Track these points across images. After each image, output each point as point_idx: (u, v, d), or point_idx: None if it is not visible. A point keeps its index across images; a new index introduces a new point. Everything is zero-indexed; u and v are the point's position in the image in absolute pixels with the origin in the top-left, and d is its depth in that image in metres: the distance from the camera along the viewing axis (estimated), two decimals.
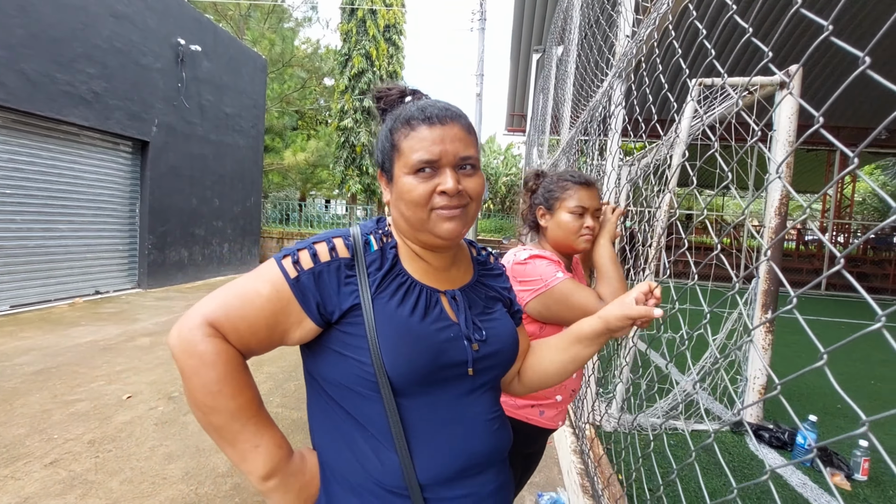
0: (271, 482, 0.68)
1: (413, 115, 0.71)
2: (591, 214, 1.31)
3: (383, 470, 0.68)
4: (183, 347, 0.64)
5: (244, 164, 9.64)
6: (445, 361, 0.70)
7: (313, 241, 0.70)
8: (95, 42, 5.99)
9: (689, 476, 2.24)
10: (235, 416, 0.65)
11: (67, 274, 6.07)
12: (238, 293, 0.67)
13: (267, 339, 0.68)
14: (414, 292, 0.72)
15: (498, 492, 0.76)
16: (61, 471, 2.26)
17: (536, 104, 8.24)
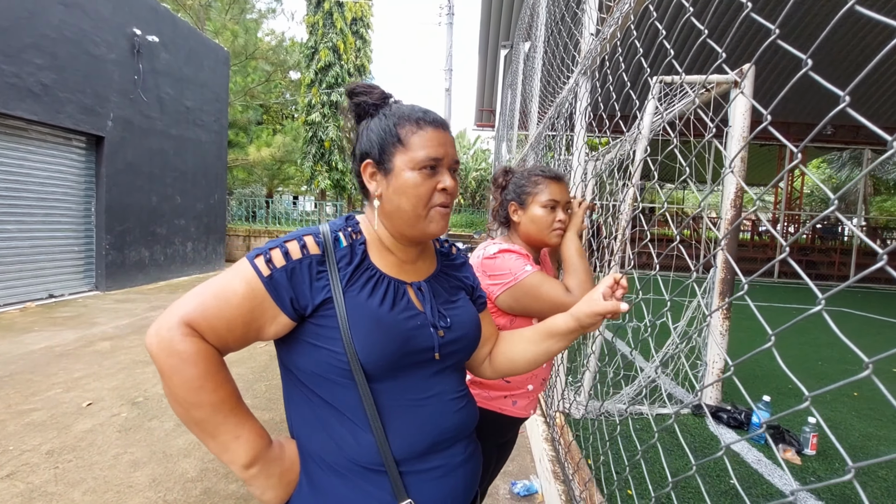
0: (253, 469, 0.72)
1: (420, 116, 0.78)
2: (562, 208, 1.35)
3: (360, 450, 0.73)
4: (162, 347, 0.66)
5: (207, 159, 9.32)
6: (413, 347, 0.75)
7: (285, 241, 0.73)
8: (43, 31, 5.64)
9: (654, 458, 2.35)
10: (217, 410, 0.68)
11: (17, 277, 5.74)
12: (214, 293, 0.70)
13: (243, 335, 0.71)
14: (382, 285, 0.77)
15: (466, 462, 0.83)
16: (18, 483, 2.15)
17: (505, 100, 8.31)
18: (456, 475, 0.80)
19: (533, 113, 4.64)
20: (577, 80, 2.42)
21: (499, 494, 2.32)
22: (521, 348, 0.95)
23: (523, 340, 0.95)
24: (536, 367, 0.96)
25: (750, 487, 2.11)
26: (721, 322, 2.96)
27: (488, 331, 0.98)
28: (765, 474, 2.23)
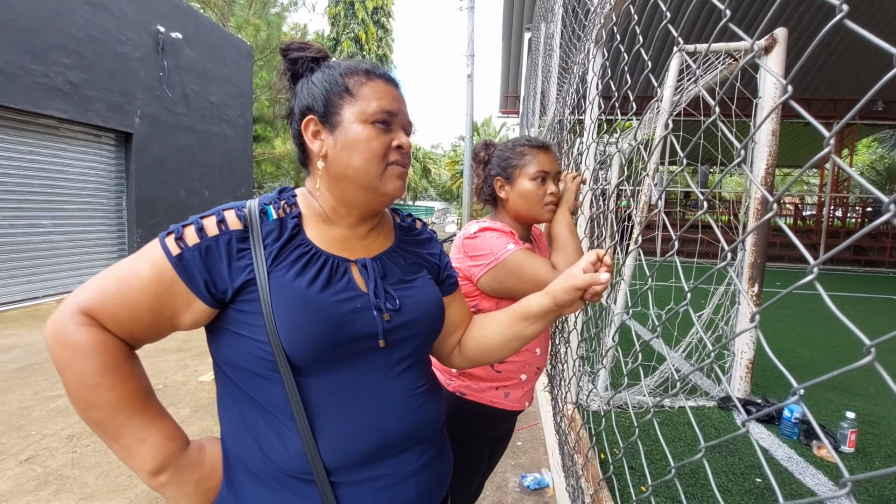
0: (162, 477, 0.63)
1: (370, 69, 0.71)
2: (553, 179, 1.25)
3: (286, 455, 0.63)
4: (55, 339, 0.58)
5: (233, 153, 9.50)
6: (350, 334, 0.65)
7: (201, 216, 0.65)
8: (70, 31, 5.82)
9: (674, 452, 2.21)
10: (117, 409, 0.60)
11: (53, 270, 6.01)
12: (115, 277, 0.61)
13: (153, 324, 0.62)
14: (316, 262, 0.67)
15: (421, 471, 0.72)
16: (36, 467, 2.22)
17: (529, 85, 8.09)
18: (405, 486, 0.70)
19: (551, 95, 4.46)
20: (589, 52, 2.27)
21: (507, 487, 2.25)
22: (492, 332, 0.85)
23: (494, 324, 0.86)
24: (511, 353, 0.87)
25: (778, 486, 1.96)
26: (750, 309, 2.76)
27: (458, 316, 0.88)
28: (795, 473, 2.06)
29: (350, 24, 14.20)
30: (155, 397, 0.65)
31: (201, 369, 3.58)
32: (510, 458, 2.50)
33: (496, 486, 2.24)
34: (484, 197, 1.35)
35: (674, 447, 2.28)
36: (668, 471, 0.70)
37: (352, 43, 14.12)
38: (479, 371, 1.24)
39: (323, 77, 0.70)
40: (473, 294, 1.22)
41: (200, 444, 0.69)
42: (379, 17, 14.96)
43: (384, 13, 15.04)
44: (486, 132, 27.91)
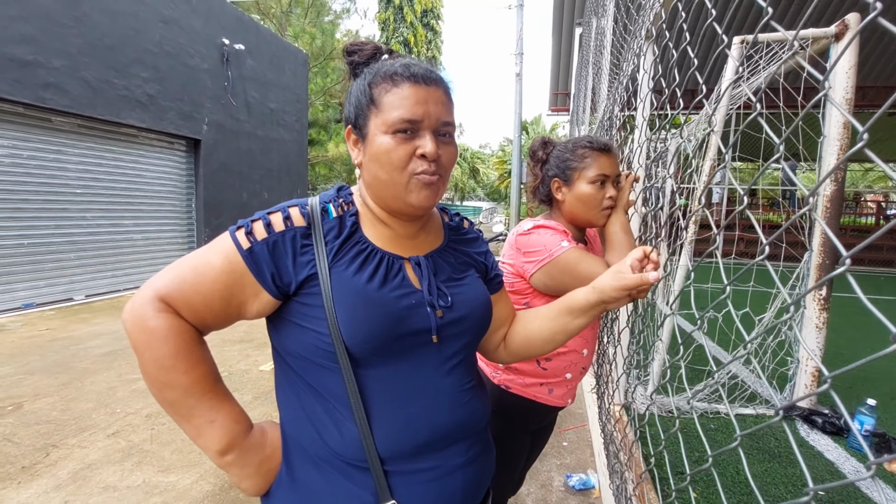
0: (228, 457, 0.67)
1: (397, 70, 0.68)
2: (612, 182, 1.22)
3: (343, 442, 0.66)
4: (134, 322, 0.63)
5: (290, 157, 9.99)
6: (406, 329, 0.68)
7: (268, 212, 0.68)
8: (147, 47, 6.37)
9: (727, 461, 2.13)
10: (189, 392, 0.64)
11: (133, 265, 6.60)
12: (191, 266, 0.65)
13: (223, 312, 0.66)
14: (374, 259, 0.70)
15: (468, 465, 0.74)
16: (121, 441, 2.48)
17: (579, 82, 7.92)
18: (453, 479, 0.71)
19: (602, 92, 4.36)
20: (641, 48, 2.22)
21: (552, 486, 2.25)
22: (537, 326, 0.86)
23: (539, 317, 0.87)
24: (555, 346, 0.87)
25: (842, 501, 1.84)
26: (818, 313, 2.60)
27: (504, 313, 0.90)
28: (863, 487, 1.92)
29: (399, 28, 14.49)
30: (222, 382, 0.69)
31: (262, 359, 3.82)
32: (555, 458, 2.49)
33: (541, 485, 2.25)
34: (540, 197, 1.34)
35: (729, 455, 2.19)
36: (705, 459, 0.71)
37: (401, 46, 14.41)
38: (526, 367, 1.27)
39: (356, 87, 0.72)
40: (526, 291, 1.23)
41: (262, 428, 0.72)
42: (428, 19, 15.16)
43: (433, 15, 15.22)
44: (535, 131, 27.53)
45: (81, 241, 5.89)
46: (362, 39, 0.77)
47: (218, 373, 0.69)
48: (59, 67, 5.31)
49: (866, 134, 0.47)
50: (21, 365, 3.54)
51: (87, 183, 5.90)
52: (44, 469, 2.21)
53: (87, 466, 2.24)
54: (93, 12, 5.63)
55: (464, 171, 32.34)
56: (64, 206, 5.66)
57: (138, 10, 6.21)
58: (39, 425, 2.62)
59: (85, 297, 5.88)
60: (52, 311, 5.27)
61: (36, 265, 5.40)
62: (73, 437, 2.49)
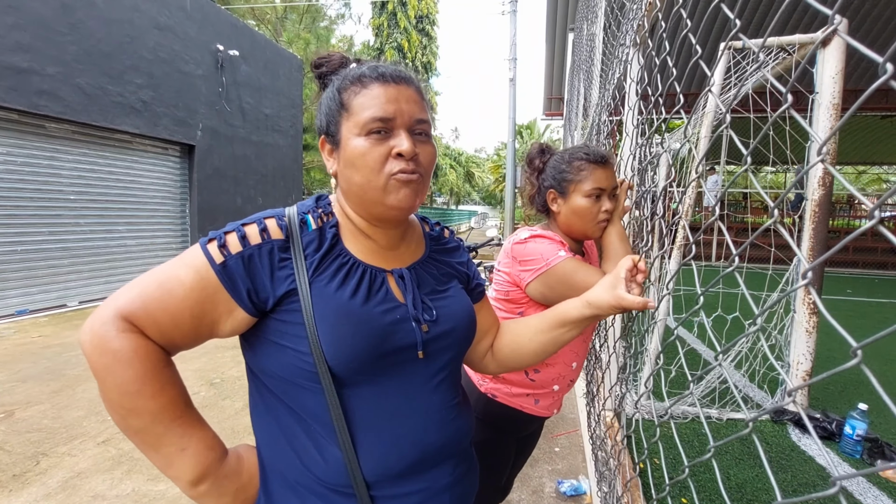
0: (202, 486, 0.63)
1: (364, 73, 0.67)
2: (608, 195, 1.21)
3: (326, 467, 0.63)
4: (94, 344, 0.57)
5: (285, 162, 10.00)
6: (392, 346, 0.65)
7: (243, 223, 0.64)
8: (142, 53, 6.38)
9: (720, 465, 2.13)
10: (157, 418, 0.59)
11: (127, 271, 6.57)
12: (158, 282, 0.60)
13: (193, 331, 0.62)
14: (356, 273, 0.67)
15: (454, 485, 0.72)
16: (111, 449, 2.47)
17: (572, 87, 7.97)
18: (441, 500, 0.70)
19: (593, 98, 4.39)
20: (627, 55, 2.24)
21: (544, 492, 2.25)
22: (528, 338, 0.85)
23: (530, 329, 0.85)
24: (545, 357, 0.87)
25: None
26: (807, 317, 2.61)
27: (487, 322, 0.88)
28: (856, 493, 1.93)
29: (393, 34, 14.56)
30: (193, 406, 0.65)
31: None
32: (547, 464, 2.49)
33: (532, 491, 2.25)
34: (537, 206, 1.33)
35: (720, 459, 2.19)
36: (681, 471, 0.71)
37: (395, 52, 14.47)
38: (514, 377, 1.26)
39: (326, 95, 0.70)
40: (521, 300, 1.23)
41: (238, 453, 0.69)
42: (423, 25, 15.23)
43: (428, 21, 15.30)
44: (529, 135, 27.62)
45: (75, 247, 5.86)
46: (327, 52, 0.76)
47: (188, 396, 0.64)
48: (54, 74, 5.31)
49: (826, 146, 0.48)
50: (13, 372, 3.52)
51: (81, 189, 5.88)
52: (34, 477, 2.20)
53: (77, 475, 2.22)
54: (88, 19, 5.64)
55: (459, 175, 32.40)
56: (58, 213, 5.64)
57: (133, 17, 6.22)
58: (31, 433, 2.60)
59: (78, 304, 5.85)
60: (46, 317, 5.24)
61: (29, 271, 5.37)
62: (64, 446, 2.48)
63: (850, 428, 2.30)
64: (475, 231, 20.03)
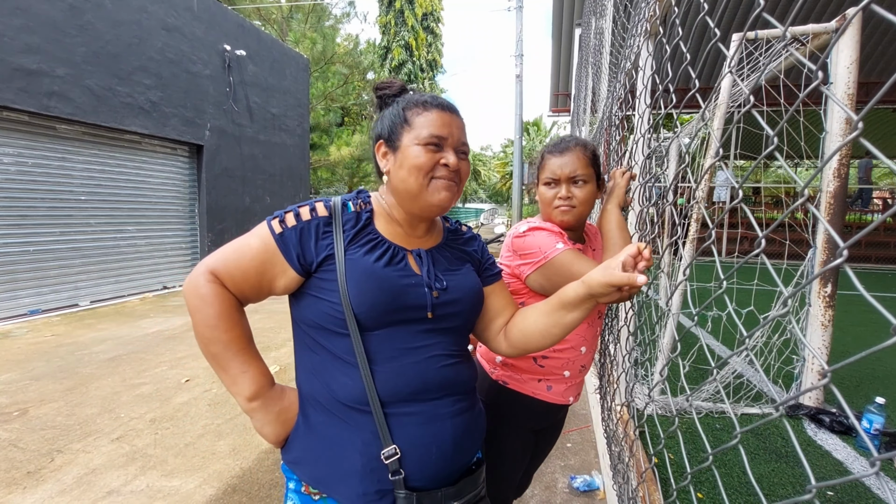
0: (255, 403, 0.82)
1: (428, 100, 0.86)
2: (567, 183, 1.23)
3: (349, 389, 0.79)
4: (189, 289, 0.80)
5: (292, 161, 10.03)
6: (405, 303, 0.81)
7: (299, 206, 0.83)
8: (150, 54, 6.42)
9: (734, 461, 2.11)
10: (228, 347, 0.80)
11: (137, 271, 6.63)
12: (235, 248, 0.81)
13: (257, 284, 0.81)
14: (382, 247, 0.84)
15: (455, 415, 0.85)
16: (125, 445, 2.49)
17: (579, 82, 7.92)
18: (442, 424, 0.83)
19: (602, 92, 4.35)
20: (639, 46, 2.21)
21: (556, 487, 2.24)
22: (533, 320, 0.92)
23: (535, 312, 0.92)
24: (553, 340, 0.90)
25: (852, 501, 1.82)
26: (823, 311, 2.57)
27: (501, 303, 0.99)
28: (873, 488, 1.90)
29: (400, 32, 14.53)
30: (255, 346, 0.84)
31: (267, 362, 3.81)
32: (559, 459, 2.48)
33: (545, 486, 2.24)
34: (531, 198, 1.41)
35: (736, 455, 2.17)
36: (704, 458, 0.70)
37: (402, 50, 14.44)
38: (522, 363, 1.27)
39: (391, 111, 0.88)
40: (522, 292, 1.25)
41: (282, 387, 0.88)
42: (428, 22, 15.20)
43: (434, 18, 15.26)
44: (536, 132, 27.50)
45: (86, 247, 5.92)
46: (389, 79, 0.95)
47: (252, 337, 0.84)
48: (64, 76, 5.36)
49: (861, 123, 0.47)
50: (27, 371, 3.56)
51: (92, 189, 5.94)
52: (49, 474, 2.22)
53: (92, 471, 2.24)
54: (96, 21, 5.68)
55: None
56: (69, 213, 5.70)
57: (141, 19, 6.26)
58: (45, 430, 2.63)
59: (90, 303, 5.91)
60: (58, 317, 5.30)
61: (41, 272, 5.44)
62: (78, 442, 2.50)
63: (867, 422, 2.27)
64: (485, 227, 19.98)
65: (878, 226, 0.46)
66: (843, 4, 7.41)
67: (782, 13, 7.35)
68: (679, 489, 0.94)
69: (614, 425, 1.99)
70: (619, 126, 2.54)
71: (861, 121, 0.46)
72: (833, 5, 7.34)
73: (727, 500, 0.77)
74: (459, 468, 0.87)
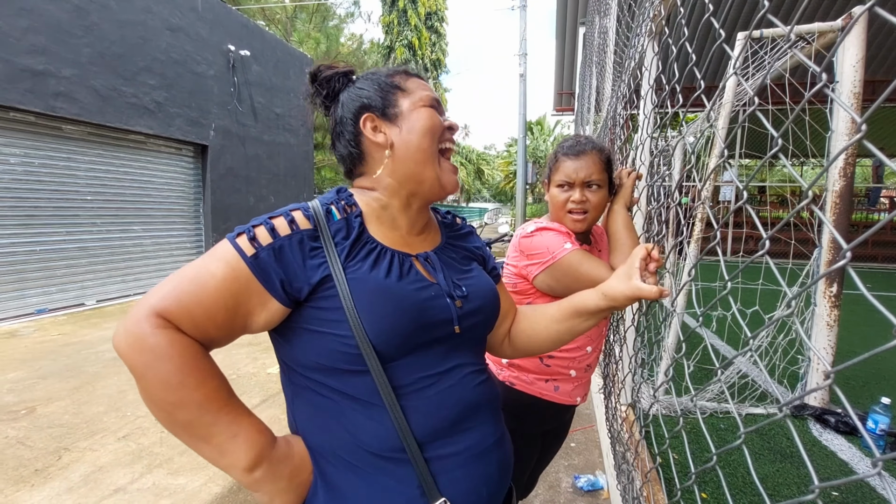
0: (258, 472, 0.62)
1: (406, 69, 0.80)
2: (581, 187, 1.22)
3: (379, 435, 0.64)
4: (129, 344, 0.57)
5: (296, 161, 10.06)
6: (430, 320, 0.68)
7: (270, 216, 0.66)
8: (154, 55, 6.46)
9: (738, 461, 2.10)
10: (204, 408, 0.59)
11: (143, 270, 6.67)
12: (189, 278, 0.61)
13: (228, 324, 0.62)
14: (386, 257, 0.70)
15: (496, 446, 0.74)
16: (132, 444, 2.51)
17: (583, 81, 7.90)
18: (489, 460, 0.71)
19: (606, 91, 4.34)
20: (643, 45, 2.21)
21: (560, 487, 2.24)
22: (544, 326, 0.87)
23: (546, 318, 0.87)
24: (560, 346, 0.89)
25: (857, 502, 1.81)
26: (828, 311, 2.56)
27: (506, 305, 0.90)
28: (878, 488, 1.89)
29: (403, 31, 14.54)
30: (236, 395, 0.64)
31: (269, 362, 3.84)
32: (563, 459, 2.48)
33: (548, 486, 2.24)
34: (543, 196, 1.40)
35: (740, 455, 2.16)
36: (708, 458, 0.70)
37: (405, 49, 14.45)
38: (528, 363, 1.27)
39: (368, 83, 0.76)
40: (528, 292, 1.24)
41: (286, 439, 0.68)
42: (432, 22, 15.19)
43: (437, 18, 15.25)
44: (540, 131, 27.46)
45: (92, 247, 5.97)
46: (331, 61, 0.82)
47: (230, 386, 0.64)
48: (70, 76, 5.40)
49: (865, 125, 0.47)
50: (34, 369, 3.59)
51: (97, 189, 5.98)
52: (56, 472, 2.24)
53: (99, 469, 2.26)
54: (102, 22, 5.72)
55: (469, 172, 32.34)
56: (75, 213, 5.74)
57: (146, 19, 6.29)
58: (52, 429, 2.65)
59: (96, 303, 5.95)
60: (64, 316, 5.35)
61: (48, 271, 5.48)
62: (85, 441, 2.52)
63: (872, 422, 2.26)
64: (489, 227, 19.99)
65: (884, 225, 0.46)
66: (849, 3, 7.35)
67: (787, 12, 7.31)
68: (683, 489, 0.94)
69: (619, 426, 1.99)
70: (624, 126, 2.53)
71: (865, 123, 0.46)
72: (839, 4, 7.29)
73: (731, 500, 0.77)
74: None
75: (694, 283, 2.85)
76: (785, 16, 7.34)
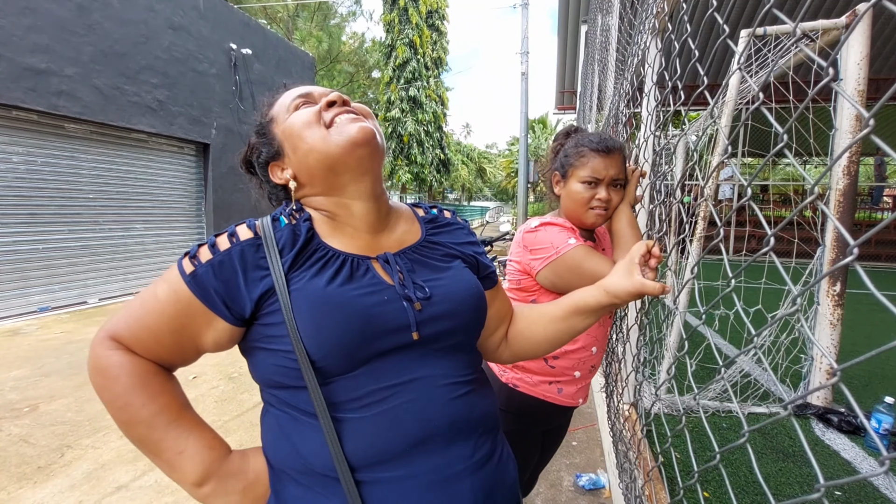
0: (206, 487, 0.62)
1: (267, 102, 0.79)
2: (607, 185, 1.19)
3: (315, 452, 0.61)
4: (91, 365, 0.62)
5: None
6: (381, 327, 0.61)
7: (215, 234, 0.64)
8: (156, 53, 6.46)
9: (740, 461, 2.10)
10: (151, 425, 0.61)
11: (145, 269, 6.69)
12: (139, 300, 0.63)
13: (176, 345, 0.62)
14: (335, 263, 0.64)
15: (473, 470, 0.65)
16: None
17: (585, 79, 7.88)
18: (459, 487, 0.63)
19: (608, 89, 4.33)
20: (646, 42, 2.20)
21: (562, 486, 2.24)
22: (543, 326, 0.83)
23: (545, 317, 0.83)
24: (559, 346, 0.85)
25: (860, 501, 1.80)
26: (832, 310, 2.55)
27: (501, 312, 0.84)
28: (882, 488, 1.89)
29: (404, 30, 14.52)
30: (191, 410, 0.65)
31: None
32: (565, 458, 2.48)
33: (550, 484, 2.24)
34: (548, 189, 1.34)
35: (742, 454, 2.16)
36: (711, 457, 0.70)
37: (406, 48, 14.43)
38: (533, 365, 1.26)
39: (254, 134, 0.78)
40: (532, 288, 1.23)
41: (243, 453, 0.68)
42: (433, 20, 15.17)
43: (438, 16, 15.22)
44: (542, 130, 27.43)
45: (95, 245, 5.98)
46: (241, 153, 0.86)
47: (185, 401, 0.65)
48: (72, 75, 5.41)
49: (872, 120, 0.46)
50: (37, 367, 3.61)
51: (100, 188, 6.00)
52: (59, 469, 2.25)
53: (101, 466, 2.27)
54: (104, 21, 5.72)
55: (471, 171, 32.32)
56: (77, 212, 5.76)
57: (148, 18, 6.30)
58: (55, 426, 2.66)
59: (98, 301, 5.97)
60: (67, 314, 5.36)
61: (51, 269, 5.50)
62: (88, 438, 2.53)
63: (875, 422, 2.25)
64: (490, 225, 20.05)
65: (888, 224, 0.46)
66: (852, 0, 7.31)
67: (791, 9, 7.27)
68: (685, 488, 0.94)
69: (621, 424, 1.99)
70: (627, 123, 2.52)
71: (873, 118, 0.45)
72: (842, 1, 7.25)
73: (734, 499, 0.77)
74: None
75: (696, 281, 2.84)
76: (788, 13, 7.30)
